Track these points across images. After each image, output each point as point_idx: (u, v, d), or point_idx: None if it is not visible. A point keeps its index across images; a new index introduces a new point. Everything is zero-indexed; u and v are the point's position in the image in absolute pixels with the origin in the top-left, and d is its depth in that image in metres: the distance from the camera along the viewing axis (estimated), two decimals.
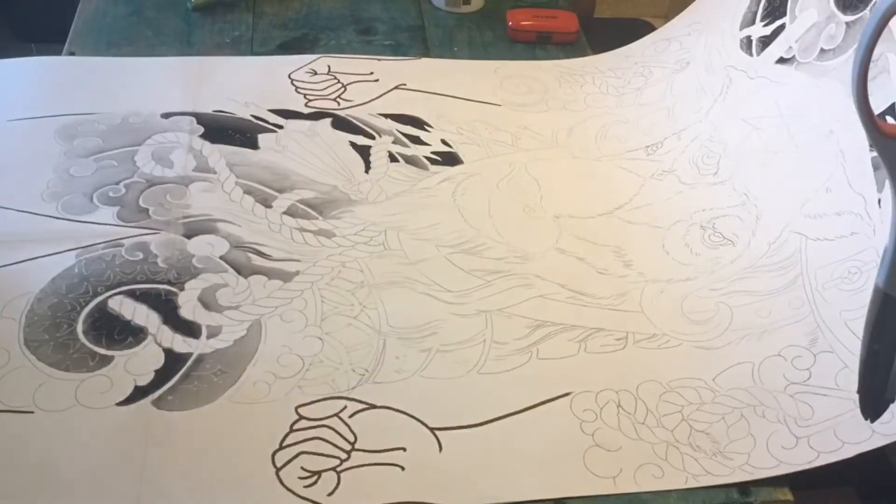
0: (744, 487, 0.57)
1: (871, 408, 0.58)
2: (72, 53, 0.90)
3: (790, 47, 0.76)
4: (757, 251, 0.72)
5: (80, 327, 0.64)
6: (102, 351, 0.63)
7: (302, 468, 0.56)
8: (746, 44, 0.81)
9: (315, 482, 0.56)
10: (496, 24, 1.02)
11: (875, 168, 0.66)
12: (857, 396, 0.60)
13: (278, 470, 0.56)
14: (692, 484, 0.57)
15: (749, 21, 0.81)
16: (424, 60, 0.95)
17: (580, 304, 0.69)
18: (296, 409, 0.60)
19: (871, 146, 0.60)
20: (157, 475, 0.55)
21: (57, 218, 0.72)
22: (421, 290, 0.69)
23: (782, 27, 0.77)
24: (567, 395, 0.62)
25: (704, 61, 0.86)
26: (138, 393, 0.60)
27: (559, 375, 0.64)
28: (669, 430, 0.60)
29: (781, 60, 0.77)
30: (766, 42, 0.79)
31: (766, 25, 0.79)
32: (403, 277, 0.70)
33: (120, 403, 0.59)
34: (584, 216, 0.77)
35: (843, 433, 0.59)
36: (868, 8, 0.69)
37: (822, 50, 0.73)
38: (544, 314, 0.68)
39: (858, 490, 0.59)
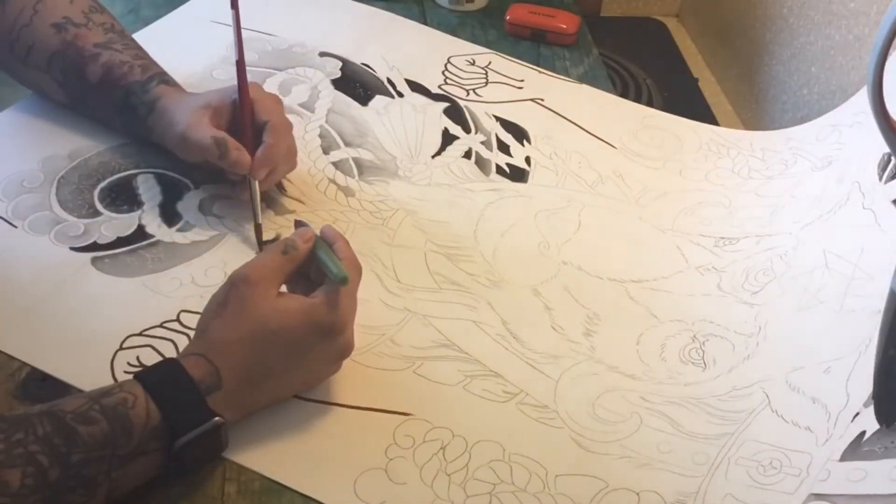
0: None
1: (886, 414, 0.53)
2: None
3: None
4: (717, 389, 0.62)
5: (101, 184, 0.74)
6: (98, 207, 0.72)
7: (137, 357, 0.61)
8: (884, 162, 0.67)
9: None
10: (499, 22, 0.99)
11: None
12: None
13: (120, 348, 0.62)
14: None
15: None
16: (585, 87, 0.92)
17: (503, 345, 0.65)
18: (178, 312, 0.65)
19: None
20: (55, 307, 0.64)
21: None
22: (375, 269, 0.70)
23: None
24: (406, 415, 0.60)
25: (842, 166, 0.73)
26: (92, 247, 0.69)
27: (416, 396, 0.61)
28: (465, 494, 0.55)
29: None
30: None
31: None
32: (371, 253, 0.71)
33: (73, 249, 0.69)
34: (592, 274, 0.71)
35: None
36: None
37: None
38: (458, 338, 0.65)
39: None
